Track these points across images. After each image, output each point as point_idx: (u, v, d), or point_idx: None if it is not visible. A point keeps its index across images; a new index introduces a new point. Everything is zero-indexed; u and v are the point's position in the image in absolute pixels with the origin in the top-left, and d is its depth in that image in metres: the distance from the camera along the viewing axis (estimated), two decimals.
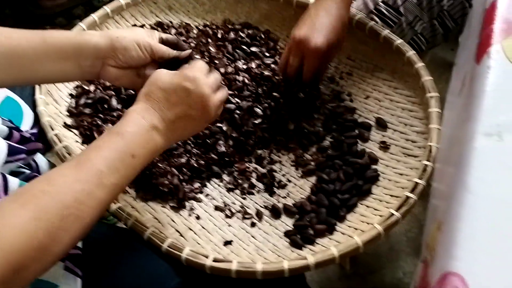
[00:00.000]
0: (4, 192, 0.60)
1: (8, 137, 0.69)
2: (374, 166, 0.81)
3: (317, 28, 0.81)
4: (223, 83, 0.86)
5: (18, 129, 0.72)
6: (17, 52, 0.66)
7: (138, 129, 0.62)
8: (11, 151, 0.65)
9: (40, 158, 0.76)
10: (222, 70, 0.90)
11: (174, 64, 0.72)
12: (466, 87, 0.53)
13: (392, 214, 0.69)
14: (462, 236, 0.39)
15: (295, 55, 0.83)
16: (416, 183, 0.72)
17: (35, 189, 0.53)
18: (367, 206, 0.77)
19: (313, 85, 0.88)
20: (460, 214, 0.41)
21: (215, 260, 0.67)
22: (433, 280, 0.40)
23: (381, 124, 0.85)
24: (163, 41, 0.74)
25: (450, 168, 0.51)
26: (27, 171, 0.70)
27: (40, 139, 0.79)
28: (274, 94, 0.88)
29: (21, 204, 0.50)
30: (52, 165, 0.78)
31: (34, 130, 0.80)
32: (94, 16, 0.96)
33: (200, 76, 0.66)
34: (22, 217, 0.49)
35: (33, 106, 0.83)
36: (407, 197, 0.71)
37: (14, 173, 0.66)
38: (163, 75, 0.66)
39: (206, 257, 0.67)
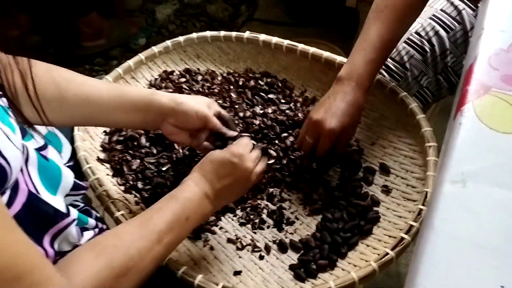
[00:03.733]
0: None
1: None
2: (375, 208, 0.87)
3: (333, 111, 0.86)
4: (241, 126, 0.96)
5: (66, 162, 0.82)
6: (97, 101, 0.79)
7: (192, 195, 0.73)
8: (75, 187, 0.74)
9: None
10: (241, 114, 0.99)
11: (222, 136, 0.85)
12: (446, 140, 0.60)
13: (387, 253, 0.76)
14: (423, 267, 0.46)
15: (311, 135, 0.89)
16: (411, 226, 0.78)
17: (106, 242, 0.64)
18: (367, 245, 0.83)
19: (326, 162, 0.94)
20: (424, 249, 0.47)
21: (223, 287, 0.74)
22: None
23: (385, 169, 0.92)
24: (218, 115, 0.86)
25: None
26: (81, 204, 0.80)
27: (75, 171, 0.89)
28: (286, 137, 0.96)
29: (96, 254, 0.61)
30: (85, 198, 0.87)
31: (71, 163, 0.90)
32: (130, 63, 1.07)
33: (245, 152, 0.78)
34: (97, 267, 0.60)
35: (71, 141, 0.94)
36: (402, 238, 0.77)
37: (71, 205, 0.76)
38: (215, 152, 0.78)
39: (216, 284, 0.74)
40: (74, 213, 0.71)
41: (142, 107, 0.81)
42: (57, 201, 0.68)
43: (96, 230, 0.76)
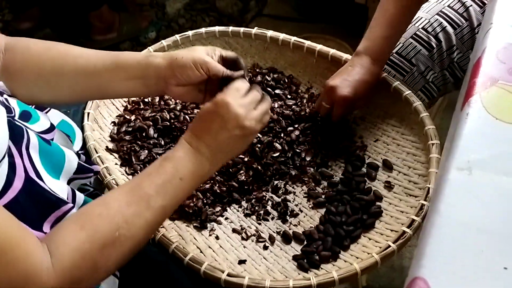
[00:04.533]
0: (72, 204, 0.70)
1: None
2: (378, 203, 0.89)
3: (348, 80, 0.93)
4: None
5: (78, 150, 0.82)
6: (93, 73, 0.78)
7: (185, 153, 0.70)
8: (80, 170, 0.74)
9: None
10: None
11: (230, 81, 0.77)
12: (453, 129, 0.62)
13: (389, 246, 0.77)
14: (429, 249, 0.47)
15: (326, 100, 0.95)
16: (413, 220, 0.80)
17: (92, 211, 0.62)
18: (369, 238, 0.84)
19: (341, 126, 1.00)
20: (430, 232, 0.49)
21: (229, 275, 0.75)
22: (406, 284, 0.48)
23: (388, 166, 0.93)
24: (223, 58, 0.80)
25: None
26: (91, 189, 0.81)
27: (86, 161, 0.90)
28: (292, 130, 0.98)
29: (80, 226, 0.60)
30: (94, 180, 0.88)
31: (83, 152, 0.91)
32: None
33: (231, 99, 0.71)
34: (80, 239, 0.59)
35: (82, 130, 0.95)
36: (404, 232, 0.78)
37: (80, 190, 0.76)
38: (203, 106, 0.73)
39: (222, 272, 0.76)
40: (80, 197, 0.71)
41: (140, 73, 0.78)
42: (60, 185, 0.68)
43: None
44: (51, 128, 0.74)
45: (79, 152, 0.84)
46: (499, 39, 0.64)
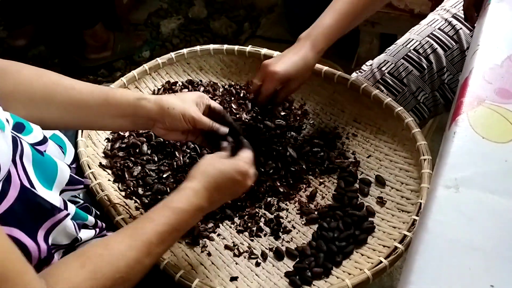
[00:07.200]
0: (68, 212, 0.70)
1: None
2: (371, 219, 0.89)
3: (282, 60, 0.95)
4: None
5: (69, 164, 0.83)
6: (84, 107, 0.80)
7: (188, 207, 0.71)
8: (72, 181, 0.74)
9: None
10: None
11: (213, 135, 0.84)
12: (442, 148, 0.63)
13: (381, 262, 0.77)
14: (417, 266, 0.48)
15: (257, 77, 0.97)
16: (405, 235, 0.80)
17: (93, 252, 0.63)
18: (362, 254, 0.84)
19: (270, 107, 1.02)
20: (418, 249, 0.49)
21: None
22: None
23: (380, 181, 0.94)
24: (210, 109, 0.86)
25: None
26: (81, 201, 0.81)
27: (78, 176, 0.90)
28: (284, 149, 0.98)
29: (81, 264, 0.60)
30: (86, 197, 0.88)
31: (73, 166, 0.91)
32: (134, 73, 1.10)
33: (249, 169, 0.78)
34: (80, 277, 0.59)
35: (75, 146, 0.96)
36: (396, 247, 0.79)
37: (70, 201, 0.75)
38: (219, 163, 0.77)
39: None
40: (71, 208, 0.71)
41: (129, 113, 0.81)
42: (53, 196, 0.68)
43: (97, 229, 0.77)
44: (44, 140, 0.75)
45: (70, 165, 0.85)
46: (486, 60, 0.65)
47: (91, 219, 0.76)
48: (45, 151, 0.73)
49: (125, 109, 0.81)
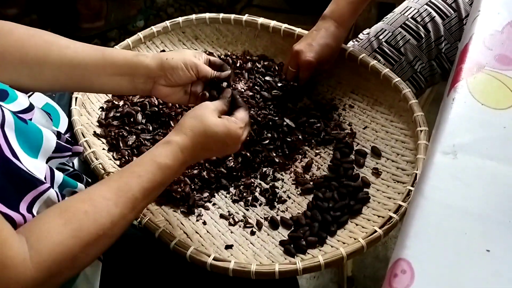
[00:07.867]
0: (51, 183, 0.69)
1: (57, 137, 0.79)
2: (366, 189, 0.89)
3: (312, 45, 0.96)
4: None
5: (62, 134, 0.82)
6: (80, 65, 0.77)
7: (174, 164, 0.70)
8: (59, 149, 0.73)
9: (75, 159, 0.87)
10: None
11: (216, 83, 0.82)
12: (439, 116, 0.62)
13: (375, 231, 0.78)
14: (413, 231, 0.48)
15: (291, 65, 0.98)
16: (400, 205, 0.80)
17: (78, 208, 0.61)
18: (356, 224, 0.85)
19: (307, 89, 1.04)
20: (414, 214, 0.49)
21: (215, 259, 0.75)
22: (390, 265, 0.48)
23: (376, 153, 0.94)
24: (209, 63, 0.83)
25: None
26: (70, 169, 0.80)
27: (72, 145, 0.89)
28: (281, 119, 0.98)
29: (64, 221, 0.59)
30: (80, 165, 0.88)
31: (68, 135, 0.90)
32: (129, 41, 1.08)
33: (241, 135, 0.76)
34: (64, 234, 0.58)
35: (69, 114, 0.94)
36: (390, 217, 0.79)
37: (59, 169, 0.75)
38: (212, 120, 0.73)
39: (208, 256, 0.76)
40: (59, 175, 0.70)
41: (128, 70, 0.79)
42: (38, 164, 0.67)
43: None
44: (30, 107, 0.72)
45: (65, 136, 0.84)
46: (487, 26, 0.64)
47: (81, 187, 0.75)
48: (30, 119, 0.72)
49: (122, 66, 0.78)
